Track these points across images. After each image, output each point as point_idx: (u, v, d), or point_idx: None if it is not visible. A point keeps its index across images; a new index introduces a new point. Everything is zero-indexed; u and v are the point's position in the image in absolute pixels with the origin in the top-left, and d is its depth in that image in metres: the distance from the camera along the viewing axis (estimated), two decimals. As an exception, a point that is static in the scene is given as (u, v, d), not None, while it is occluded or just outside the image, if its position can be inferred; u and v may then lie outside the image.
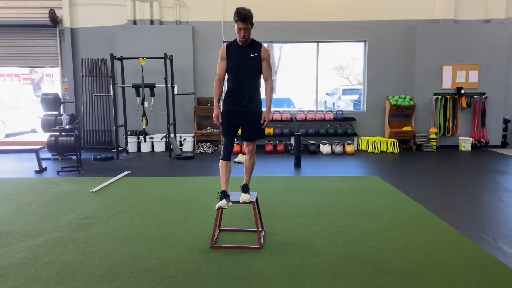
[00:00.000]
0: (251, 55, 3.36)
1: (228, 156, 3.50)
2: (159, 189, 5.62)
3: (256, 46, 3.40)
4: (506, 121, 9.42)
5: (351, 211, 4.56)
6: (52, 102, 8.25)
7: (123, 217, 4.37)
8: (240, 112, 3.48)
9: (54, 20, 9.16)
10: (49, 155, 8.24)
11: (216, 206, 3.38)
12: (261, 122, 3.49)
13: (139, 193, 5.42)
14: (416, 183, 6.00)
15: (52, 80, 15.88)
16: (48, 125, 8.32)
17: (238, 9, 3.29)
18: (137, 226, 4.08)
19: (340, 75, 15.36)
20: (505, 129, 9.45)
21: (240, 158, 7.82)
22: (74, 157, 8.18)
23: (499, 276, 2.94)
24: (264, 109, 3.57)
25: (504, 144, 9.45)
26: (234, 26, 3.30)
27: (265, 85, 3.48)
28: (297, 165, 7.17)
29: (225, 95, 3.54)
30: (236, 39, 3.42)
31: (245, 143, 3.60)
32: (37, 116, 12.94)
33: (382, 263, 3.18)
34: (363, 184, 5.92)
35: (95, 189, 5.48)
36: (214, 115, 3.48)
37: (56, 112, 8.39)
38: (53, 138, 7.99)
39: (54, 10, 9.14)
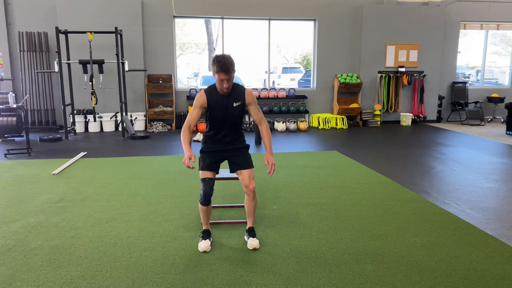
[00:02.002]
0: (234, 104, 2.97)
1: (209, 201, 3.03)
2: (124, 170, 5.45)
3: (238, 92, 3.00)
4: (441, 98, 10.24)
5: (323, 184, 4.79)
6: (-11, 79, 7.55)
7: (98, 199, 4.22)
8: (226, 150, 3.09)
9: (-16, -12, 8.29)
10: (-13, 137, 7.58)
11: (200, 250, 3.01)
12: (266, 164, 2.95)
13: (104, 174, 5.23)
14: (372, 156, 6.38)
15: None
16: (-16, 105, 7.61)
17: (217, 57, 2.82)
18: (117, 207, 3.97)
19: (278, 53, 15.55)
20: (440, 105, 10.27)
21: (198, 137, 7.77)
22: (16, 139, 7.62)
23: (472, 235, 3.30)
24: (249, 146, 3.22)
25: (439, 119, 10.28)
26: (214, 75, 2.85)
27: (260, 128, 3.08)
28: (258, 142, 7.29)
29: (205, 138, 3.14)
30: (214, 85, 2.97)
31: (241, 176, 3.06)
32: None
33: (368, 229, 3.42)
34: (325, 158, 6.19)
35: (56, 172, 5.19)
36: (187, 156, 2.78)
37: (-6, 90, 7.70)
38: (-9, 119, 7.34)
39: (-18, -23, 8.26)
